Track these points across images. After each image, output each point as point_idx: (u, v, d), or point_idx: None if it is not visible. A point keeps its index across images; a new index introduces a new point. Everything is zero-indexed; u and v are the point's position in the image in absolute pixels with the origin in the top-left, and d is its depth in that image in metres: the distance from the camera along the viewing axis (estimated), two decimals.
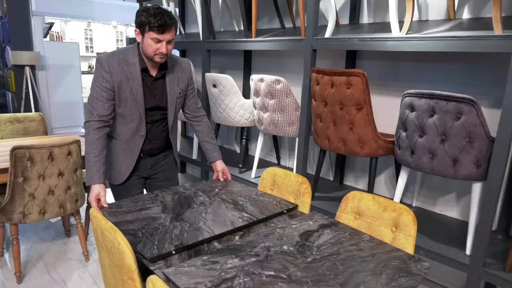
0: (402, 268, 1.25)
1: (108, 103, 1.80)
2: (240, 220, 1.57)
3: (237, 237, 1.45)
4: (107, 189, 1.79)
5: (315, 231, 1.48)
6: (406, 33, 2.04)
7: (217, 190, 1.92)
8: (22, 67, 5.22)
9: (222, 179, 2.09)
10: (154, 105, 1.91)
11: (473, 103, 1.72)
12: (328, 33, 2.41)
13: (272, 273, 1.18)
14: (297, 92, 3.16)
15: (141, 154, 1.97)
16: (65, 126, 6.20)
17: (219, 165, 2.11)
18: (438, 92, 1.81)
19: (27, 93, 5.29)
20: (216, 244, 1.40)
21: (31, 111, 5.27)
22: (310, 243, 1.38)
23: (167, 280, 1.14)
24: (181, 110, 2.10)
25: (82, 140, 2.04)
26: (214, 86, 3.04)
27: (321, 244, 1.38)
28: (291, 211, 1.75)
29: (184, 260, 1.28)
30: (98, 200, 1.69)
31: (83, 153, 2.07)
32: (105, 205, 1.67)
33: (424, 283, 2.43)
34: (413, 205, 2.56)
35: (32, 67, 5.41)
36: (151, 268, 1.24)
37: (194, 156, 3.56)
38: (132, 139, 1.91)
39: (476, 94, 2.19)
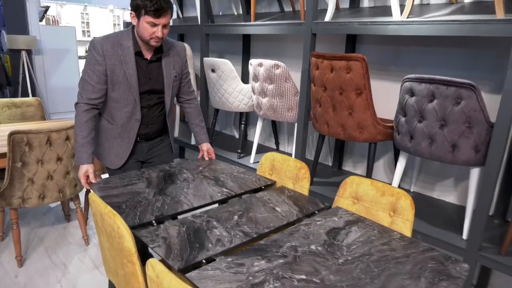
0: (441, 270, 1.18)
1: (98, 86, 1.79)
2: (219, 195, 1.67)
3: (236, 217, 1.46)
4: (105, 174, 1.81)
5: (342, 228, 1.42)
6: (407, 17, 2.01)
7: (201, 168, 2.00)
8: (18, 51, 5.16)
9: (206, 158, 2.18)
10: (149, 89, 1.90)
11: (473, 88, 1.71)
12: (328, 17, 2.38)
13: (304, 276, 1.11)
14: (296, 77, 3.14)
15: (138, 138, 1.97)
16: (62, 111, 6.16)
17: (205, 145, 2.20)
18: (438, 77, 1.80)
19: (23, 78, 5.24)
20: (215, 223, 1.40)
21: (28, 96, 5.23)
22: (338, 242, 1.32)
23: (192, 285, 1.09)
24: None
25: None
26: (213, 70, 3.01)
27: (350, 243, 1.32)
28: (269, 187, 1.83)
29: (183, 240, 1.28)
30: (87, 177, 1.78)
31: None
32: (93, 181, 1.77)
33: None
34: (411, 190, 2.58)
35: (28, 52, 5.34)
36: (150, 245, 1.25)
37: (193, 141, 3.56)
38: (128, 123, 1.91)
39: (476, 79, 2.18)
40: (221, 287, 1.04)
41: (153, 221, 1.41)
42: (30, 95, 5.27)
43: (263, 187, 1.80)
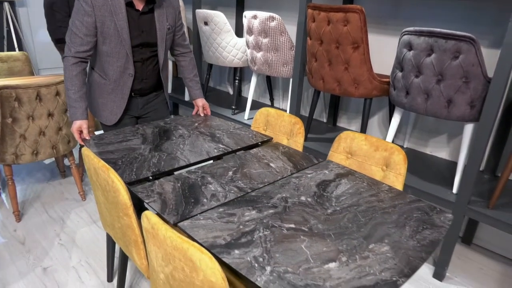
0: (425, 219, 1.21)
1: (87, 38, 1.72)
2: (215, 151, 1.66)
3: (230, 173, 1.47)
4: (100, 131, 1.79)
5: (332, 180, 1.44)
6: None
7: (196, 124, 1.99)
8: (0, 3, 4.91)
9: (202, 114, 2.15)
10: (142, 42, 1.83)
11: (473, 41, 1.67)
12: None
13: (293, 225, 1.14)
14: (292, 31, 3.04)
15: (132, 93, 1.93)
16: (52, 67, 5.99)
17: (200, 101, 2.16)
18: (438, 29, 1.74)
19: (8, 31, 5.03)
20: (210, 179, 1.41)
21: (14, 51, 5.05)
22: (328, 194, 1.34)
23: (185, 234, 1.12)
24: None
25: None
26: (206, 23, 2.90)
27: (339, 194, 1.34)
28: (265, 143, 1.82)
29: (178, 195, 1.29)
30: (81, 132, 1.75)
31: None
32: (87, 137, 1.75)
33: None
34: (405, 146, 2.60)
35: (11, 3, 5.09)
36: (146, 201, 1.26)
37: (187, 97, 3.51)
38: (121, 78, 1.86)
39: (476, 33, 2.13)
40: (212, 235, 1.07)
41: (150, 177, 1.41)
42: (17, 49, 5.09)
43: (259, 143, 1.80)
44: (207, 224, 1.13)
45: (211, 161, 1.60)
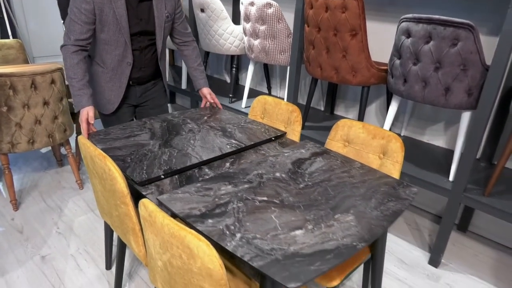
0: (391, 193, 1.28)
1: (86, 26, 1.69)
2: (228, 147, 1.60)
3: (227, 164, 1.47)
4: (97, 119, 1.77)
5: (307, 159, 1.49)
6: None
7: (205, 118, 1.93)
8: None
9: (211, 101, 2.08)
10: (141, 30, 1.81)
11: (472, 28, 1.66)
12: None
13: (265, 198, 1.20)
14: (289, 18, 3.01)
15: (130, 82, 1.91)
16: (47, 55, 5.92)
17: (206, 90, 2.08)
18: (437, 16, 1.73)
19: (2, 19, 4.95)
20: (207, 170, 1.41)
21: (8, 39, 4.98)
22: (302, 171, 1.39)
23: (160, 205, 1.16)
24: (169, 36, 2.01)
25: None
26: (202, 10, 2.87)
27: (313, 171, 1.40)
28: (280, 138, 1.77)
29: (176, 187, 1.30)
30: (88, 123, 1.68)
31: (67, 82, 2.01)
32: (91, 121, 1.68)
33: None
34: (402, 134, 2.60)
35: None
36: (143, 193, 1.26)
37: (183, 86, 3.48)
38: (119, 67, 1.84)
39: (475, 20, 2.11)
40: (188, 207, 1.13)
41: (162, 176, 1.35)
42: (11, 37, 5.03)
43: (273, 138, 1.74)
44: (184, 197, 1.18)
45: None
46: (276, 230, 1.05)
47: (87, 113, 1.67)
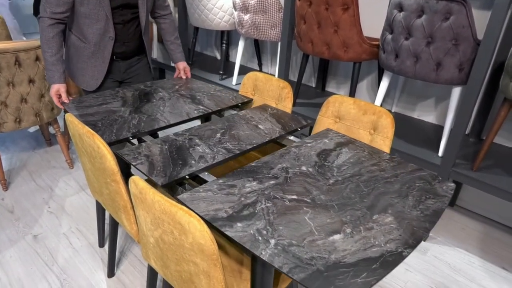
0: (428, 189, 1.20)
1: None
2: (195, 112, 1.68)
3: (218, 135, 1.46)
4: (83, 96, 1.75)
5: (332, 150, 1.41)
6: None
7: (177, 87, 2.00)
8: None
9: (184, 77, 2.16)
10: (122, 3, 1.76)
11: (464, 2, 1.64)
12: None
13: (295, 197, 1.11)
14: None
15: (114, 57, 1.87)
16: (30, 32, 5.74)
17: (181, 64, 2.15)
18: None
19: None
20: (197, 141, 1.40)
21: None
22: (329, 163, 1.31)
23: (176, 200, 1.09)
24: None
25: None
26: None
27: (340, 164, 1.31)
28: (246, 104, 1.85)
29: (166, 156, 1.28)
30: (59, 96, 1.74)
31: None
32: (66, 101, 1.73)
33: None
34: (393, 110, 2.60)
35: None
36: (132, 163, 1.25)
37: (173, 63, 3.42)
38: (101, 42, 1.79)
39: None
40: (213, 208, 1.04)
41: (130, 137, 1.43)
42: None
43: (239, 104, 1.83)
44: (207, 197, 1.09)
45: (196, 123, 1.61)
46: (312, 234, 0.96)
47: (58, 90, 1.73)
